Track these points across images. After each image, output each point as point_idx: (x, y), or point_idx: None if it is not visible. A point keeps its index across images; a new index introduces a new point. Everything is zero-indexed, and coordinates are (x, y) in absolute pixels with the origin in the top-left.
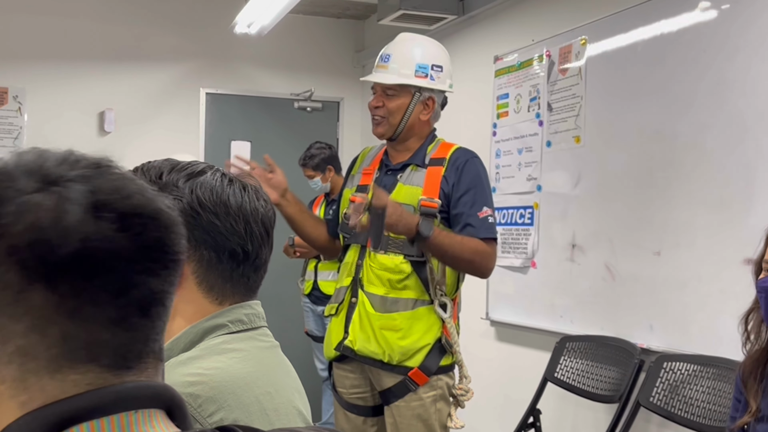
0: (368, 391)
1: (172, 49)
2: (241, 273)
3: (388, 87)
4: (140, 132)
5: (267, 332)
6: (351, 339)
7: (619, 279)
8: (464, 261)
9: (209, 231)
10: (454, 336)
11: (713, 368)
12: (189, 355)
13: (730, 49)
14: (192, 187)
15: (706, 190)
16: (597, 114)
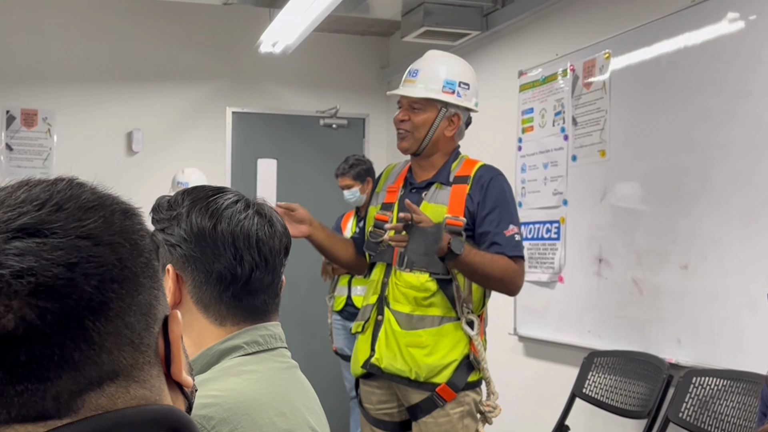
0: (395, 407)
1: (198, 69)
2: (231, 295)
3: (414, 101)
4: (168, 151)
5: (285, 353)
6: (377, 357)
7: (646, 293)
8: (494, 279)
9: (196, 252)
10: (481, 352)
11: (743, 383)
12: (204, 377)
13: (755, 60)
14: (191, 210)
15: (733, 202)
16: (622, 128)
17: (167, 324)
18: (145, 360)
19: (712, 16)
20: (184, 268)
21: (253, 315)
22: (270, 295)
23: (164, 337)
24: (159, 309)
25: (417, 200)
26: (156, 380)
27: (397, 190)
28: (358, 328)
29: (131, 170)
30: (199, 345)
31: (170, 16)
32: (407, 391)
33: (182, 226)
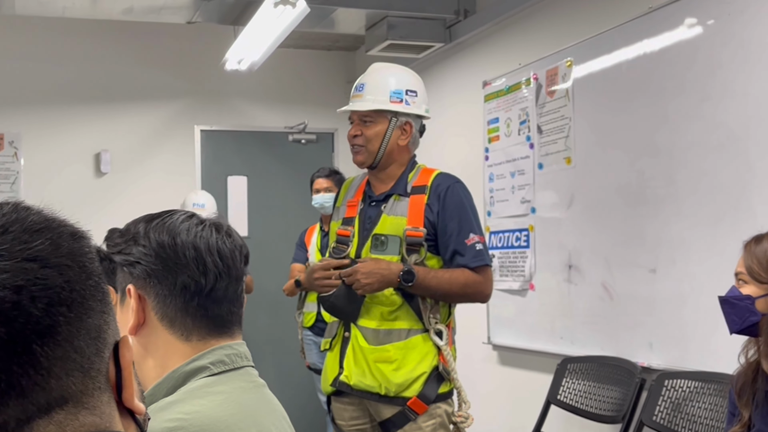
0: (367, 423)
1: (165, 88)
2: (197, 305)
3: (364, 114)
4: (137, 171)
5: (252, 372)
6: (346, 374)
7: (616, 298)
8: (456, 296)
9: (158, 265)
10: (450, 362)
11: (714, 384)
12: (169, 400)
13: (713, 64)
14: (147, 229)
15: (698, 206)
16: (586, 134)
17: (118, 349)
18: (96, 386)
19: (670, 22)
20: (146, 285)
21: (219, 327)
22: (235, 305)
23: (115, 363)
24: (109, 333)
25: (377, 213)
26: (107, 407)
27: (356, 204)
28: (326, 345)
29: (100, 191)
30: (164, 365)
31: (135, 36)
32: (378, 406)
33: (141, 243)
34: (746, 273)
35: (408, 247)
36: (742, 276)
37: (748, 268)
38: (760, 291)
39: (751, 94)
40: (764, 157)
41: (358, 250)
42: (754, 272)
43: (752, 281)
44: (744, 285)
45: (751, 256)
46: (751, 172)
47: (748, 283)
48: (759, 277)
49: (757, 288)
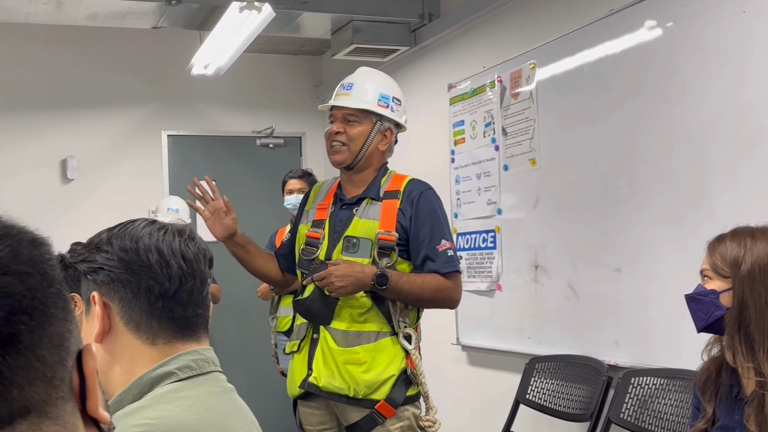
0: (335, 427)
1: (131, 94)
2: (162, 307)
3: (350, 113)
4: (104, 177)
5: (219, 377)
6: (315, 376)
7: (582, 297)
8: (427, 301)
9: (121, 269)
10: (418, 366)
11: (679, 381)
12: (136, 406)
13: (673, 65)
14: (109, 236)
15: (661, 205)
16: (550, 136)
17: (81, 358)
18: (59, 395)
19: (631, 24)
20: (110, 290)
21: (185, 330)
22: (201, 307)
23: (78, 371)
24: (72, 342)
25: (348, 216)
26: (71, 416)
27: (327, 207)
28: (293, 347)
29: (66, 198)
30: (131, 371)
31: (101, 41)
32: (346, 409)
33: (103, 249)
34: (710, 269)
35: (379, 250)
36: (707, 273)
37: (712, 265)
38: (724, 285)
39: (710, 95)
40: (724, 156)
41: (328, 253)
42: (718, 268)
43: (716, 277)
44: (708, 281)
45: (714, 253)
46: (711, 172)
47: (712, 279)
48: (722, 272)
49: (721, 283)
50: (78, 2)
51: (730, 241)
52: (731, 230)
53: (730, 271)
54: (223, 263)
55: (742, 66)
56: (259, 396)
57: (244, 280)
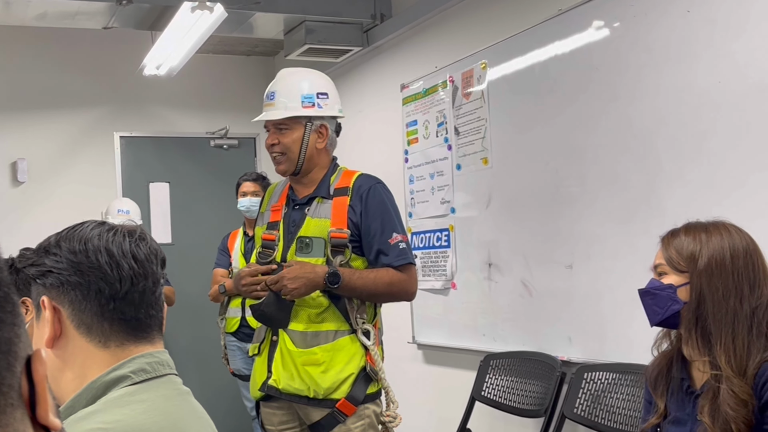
0: (297, 427)
1: (83, 95)
2: (113, 309)
3: (279, 123)
4: (55, 180)
5: (175, 380)
6: (275, 378)
7: (535, 294)
8: (382, 295)
9: (70, 272)
10: (378, 363)
11: (631, 375)
12: (89, 410)
13: (622, 65)
14: (58, 239)
15: (611, 203)
16: (502, 135)
17: (30, 363)
18: (7, 402)
19: (579, 24)
20: (60, 294)
21: (137, 331)
22: (154, 308)
23: (28, 378)
24: (21, 347)
25: (301, 217)
26: (20, 424)
27: (281, 209)
28: (254, 350)
29: (17, 201)
30: (84, 375)
31: (51, 42)
32: (307, 409)
33: (52, 252)
34: (666, 264)
35: (333, 248)
36: (662, 268)
37: (667, 260)
38: (681, 279)
39: (658, 94)
40: (672, 155)
41: (283, 254)
42: (674, 262)
43: (672, 271)
44: (664, 276)
45: (669, 248)
46: (660, 170)
47: (668, 273)
48: (679, 266)
49: (678, 277)
50: (26, 2)
51: (685, 236)
52: (684, 225)
53: (686, 266)
54: (176, 265)
55: (688, 65)
56: (212, 397)
57: (196, 282)
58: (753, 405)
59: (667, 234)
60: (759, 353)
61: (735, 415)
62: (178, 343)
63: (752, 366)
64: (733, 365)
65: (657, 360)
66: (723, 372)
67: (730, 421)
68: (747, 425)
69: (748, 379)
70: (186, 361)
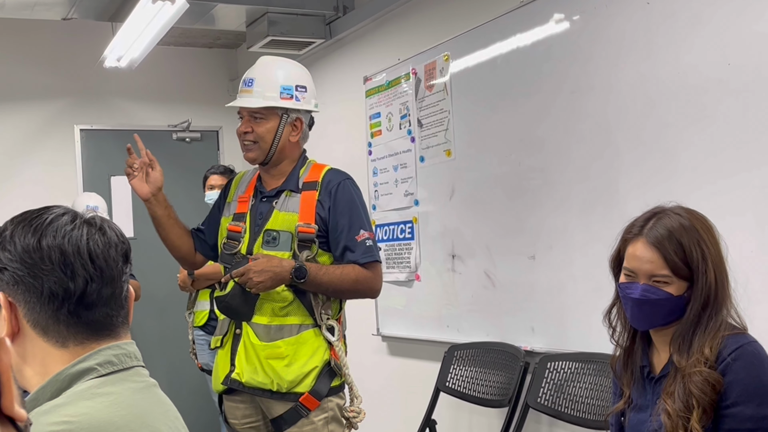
0: (260, 420)
1: (42, 87)
2: (67, 312)
3: (255, 111)
4: (14, 174)
5: (142, 372)
6: (238, 371)
7: (498, 285)
8: (347, 292)
9: (24, 272)
10: (342, 357)
11: (593, 364)
12: (54, 403)
13: (582, 58)
14: (13, 232)
15: (572, 194)
16: (465, 127)
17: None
18: None
19: (540, 17)
20: (15, 292)
21: (97, 331)
22: (113, 308)
23: None
24: None
25: (268, 209)
26: None
27: (248, 200)
28: (217, 343)
29: None
30: (45, 373)
31: (8, 33)
32: (270, 403)
33: (7, 248)
34: (671, 274)
35: (299, 243)
36: (664, 279)
37: (673, 268)
38: (682, 285)
39: (617, 86)
40: (631, 146)
41: (249, 246)
42: (678, 268)
43: (676, 280)
44: (667, 285)
45: (671, 254)
46: (620, 162)
47: (670, 284)
48: (684, 273)
49: (679, 284)
50: None
51: (679, 240)
52: (666, 230)
53: (692, 272)
54: (141, 258)
55: (647, 57)
56: (179, 391)
57: (162, 275)
58: (720, 387)
59: (658, 238)
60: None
61: (701, 395)
62: (144, 338)
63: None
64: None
65: (620, 348)
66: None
67: (695, 400)
68: (710, 407)
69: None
70: (152, 357)
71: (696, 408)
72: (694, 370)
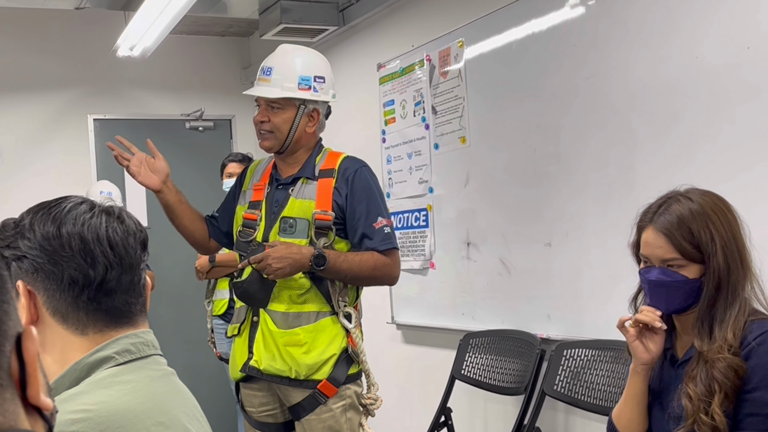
0: (277, 408)
1: (55, 77)
2: (87, 299)
3: (272, 101)
4: (29, 165)
5: (160, 360)
6: (256, 359)
7: (514, 272)
8: (366, 279)
9: (44, 260)
10: (359, 344)
11: (610, 351)
12: (73, 392)
13: (599, 42)
14: (32, 221)
15: (589, 180)
16: (480, 114)
17: (20, 342)
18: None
19: (556, 2)
20: (35, 280)
21: (116, 318)
22: (132, 296)
23: (18, 357)
24: (10, 325)
25: (284, 197)
26: (10, 404)
27: (263, 188)
28: (234, 331)
29: None
30: (64, 361)
31: (22, 23)
32: (288, 390)
33: (26, 236)
34: (681, 257)
35: (316, 230)
36: (676, 261)
37: (682, 252)
38: (697, 268)
39: (633, 70)
40: (649, 133)
41: (265, 234)
42: (688, 253)
43: (689, 263)
44: (681, 269)
45: (678, 239)
46: (636, 147)
47: (684, 266)
48: (695, 257)
49: (694, 267)
50: None
51: (688, 226)
52: (676, 216)
53: (704, 255)
54: (153, 248)
55: (665, 41)
56: (196, 380)
57: (175, 265)
58: (743, 373)
59: (666, 227)
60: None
61: (724, 380)
62: (160, 327)
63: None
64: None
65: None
66: (718, 343)
67: (717, 385)
68: (732, 392)
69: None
70: (169, 346)
71: (718, 392)
72: (718, 356)
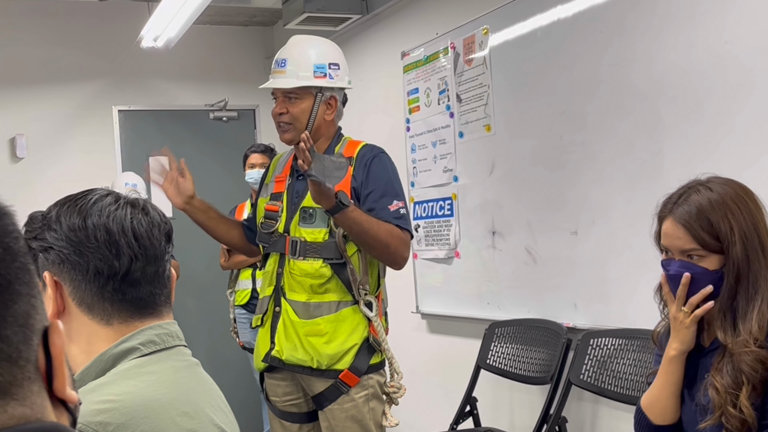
0: (301, 398)
1: (80, 68)
2: (112, 289)
3: (289, 91)
4: (54, 155)
5: (184, 351)
6: (278, 349)
7: (540, 261)
8: (380, 242)
9: (70, 251)
10: (381, 334)
11: (637, 340)
12: (98, 382)
13: (625, 28)
14: (59, 213)
15: (615, 167)
16: (505, 101)
17: (47, 336)
18: (24, 376)
19: None
20: (61, 271)
21: (141, 309)
22: (157, 287)
23: (45, 350)
24: (37, 319)
25: (304, 187)
26: (37, 397)
27: (285, 180)
28: (258, 321)
29: (16, 177)
30: (89, 351)
31: (47, 15)
32: (311, 380)
33: (53, 228)
34: (701, 248)
35: None
36: (696, 252)
37: (701, 243)
38: (716, 259)
39: (660, 56)
40: (675, 119)
41: (286, 225)
42: (707, 244)
43: (709, 254)
44: (702, 259)
45: (697, 230)
46: (662, 134)
47: (705, 257)
48: (715, 247)
49: (713, 258)
50: None
51: (707, 216)
52: (695, 206)
53: (722, 247)
54: (181, 238)
55: (694, 26)
56: (220, 370)
57: (199, 256)
58: None
59: (685, 215)
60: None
61: (751, 372)
62: (185, 318)
63: None
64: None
65: (663, 321)
66: (743, 336)
67: (744, 377)
68: (760, 384)
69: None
70: (193, 337)
71: (746, 385)
72: (745, 349)
